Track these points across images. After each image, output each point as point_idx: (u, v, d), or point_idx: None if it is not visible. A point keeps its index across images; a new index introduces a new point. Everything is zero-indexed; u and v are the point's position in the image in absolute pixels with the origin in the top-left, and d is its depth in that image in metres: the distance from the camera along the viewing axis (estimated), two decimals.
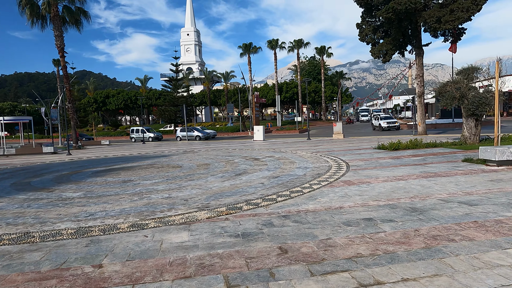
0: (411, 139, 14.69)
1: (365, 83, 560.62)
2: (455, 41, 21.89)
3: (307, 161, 11.88)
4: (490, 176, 7.52)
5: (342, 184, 7.55)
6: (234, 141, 28.72)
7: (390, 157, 11.58)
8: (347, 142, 19.86)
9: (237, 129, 44.19)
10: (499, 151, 8.53)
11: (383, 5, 21.09)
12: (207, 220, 5.27)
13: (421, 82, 22.46)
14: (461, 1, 19.39)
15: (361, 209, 5.47)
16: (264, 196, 6.75)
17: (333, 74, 75.19)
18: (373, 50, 23.75)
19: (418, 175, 8.12)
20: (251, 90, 44.96)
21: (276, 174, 9.35)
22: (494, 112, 14.57)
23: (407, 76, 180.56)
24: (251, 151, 17.29)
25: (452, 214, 4.94)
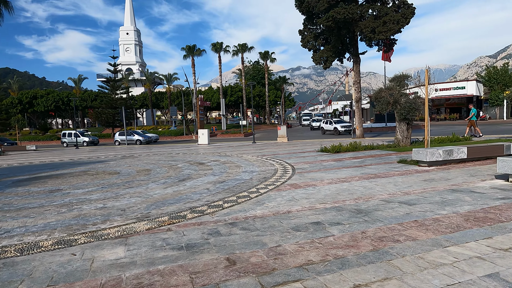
0: (351, 142, 15.37)
1: (307, 89, 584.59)
2: (388, 50, 23.59)
3: (253, 164, 11.76)
4: (423, 176, 8.03)
5: (289, 187, 7.50)
6: (177, 145, 27.77)
7: (333, 160, 11.93)
8: (291, 145, 20.24)
9: (181, 132, 42.96)
10: (430, 153, 9.18)
11: (324, 14, 21.97)
12: (147, 232, 4.80)
13: (358, 88, 23.79)
14: (392, 14, 20.95)
15: (309, 212, 5.42)
16: (210, 202, 6.42)
17: (277, 79, 76.96)
18: (315, 56, 24.63)
19: (360, 176, 8.40)
20: (195, 93, 44.05)
21: (222, 179, 9.06)
22: (422, 117, 15.87)
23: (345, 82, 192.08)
24: (195, 155, 16.75)
25: (395, 214, 5.09)
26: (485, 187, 6.64)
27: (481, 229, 4.25)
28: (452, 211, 5.11)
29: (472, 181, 7.21)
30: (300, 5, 23.58)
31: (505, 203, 5.43)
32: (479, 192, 6.20)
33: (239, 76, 73.16)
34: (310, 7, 22.89)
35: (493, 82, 49.31)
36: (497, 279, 2.99)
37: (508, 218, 4.65)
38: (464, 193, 6.19)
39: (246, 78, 62.60)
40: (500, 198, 5.75)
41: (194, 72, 55.18)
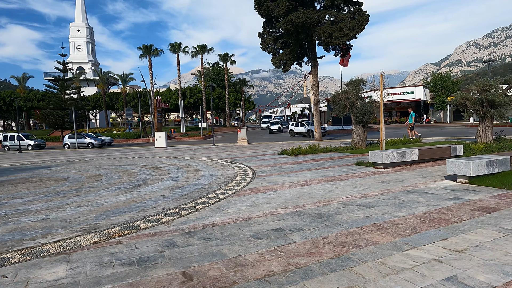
0: (310, 145, 15.57)
1: (266, 91, 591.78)
2: (344, 55, 24.37)
3: (213, 168, 11.46)
4: (379, 178, 8.23)
5: (249, 192, 7.32)
6: (133, 148, 26.58)
7: (293, 162, 11.96)
8: (252, 148, 20.14)
9: (137, 135, 41.30)
10: (385, 155, 9.48)
11: (283, 17, 22.19)
12: (94, 246, 4.36)
13: (316, 92, 24.30)
14: (348, 20, 21.67)
15: (270, 218, 5.26)
16: (166, 210, 6.05)
17: (237, 81, 76.88)
18: (274, 59, 24.81)
19: (319, 179, 8.44)
20: (152, 94, 42.60)
21: (180, 184, 8.66)
22: (376, 120, 16.53)
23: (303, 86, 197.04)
24: (152, 159, 16.06)
25: (354, 218, 5.09)
26: (437, 187, 6.92)
27: (436, 231, 4.35)
28: (409, 212, 5.22)
29: (425, 182, 7.50)
30: (260, 8, 23.65)
31: (455, 203, 5.66)
32: (432, 193, 6.44)
33: (198, 77, 72.07)
34: (269, 11, 23.02)
35: (438, 87, 53.00)
36: (455, 282, 3.01)
37: (460, 218, 4.82)
38: (418, 194, 6.39)
39: (205, 79, 61.78)
40: (451, 198, 5.99)
41: (151, 72, 53.39)
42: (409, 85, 61.16)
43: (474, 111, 15.05)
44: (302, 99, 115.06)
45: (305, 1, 22.94)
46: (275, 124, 45.75)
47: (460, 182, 7.26)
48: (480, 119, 14.98)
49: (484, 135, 14.82)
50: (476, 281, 3.02)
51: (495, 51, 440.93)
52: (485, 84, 14.22)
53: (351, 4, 22.49)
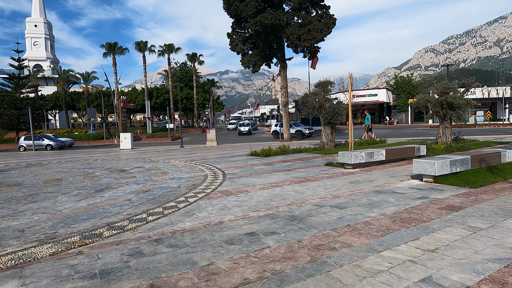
0: (280, 146, 15.59)
1: (235, 92, 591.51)
2: (312, 57, 24.74)
3: (181, 170, 11.11)
4: (349, 178, 8.33)
5: (220, 195, 7.12)
6: (96, 150, 25.39)
7: (263, 164, 11.88)
8: (221, 149, 19.87)
9: (101, 136, 39.59)
10: (354, 155, 9.62)
11: (252, 18, 22.13)
12: (51, 258, 3.98)
13: (285, 93, 24.47)
14: (316, 23, 22.01)
15: (242, 222, 5.10)
16: (132, 216, 5.71)
17: (205, 81, 76.03)
18: (243, 60, 24.70)
19: (291, 180, 8.39)
20: (116, 93, 41.04)
21: (147, 188, 8.28)
22: (343, 121, 16.87)
23: (271, 87, 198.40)
24: (116, 161, 15.35)
25: (328, 219, 5.05)
26: (404, 187, 7.09)
27: (408, 231, 4.39)
28: (380, 213, 5.26)
29: (393, 182, 7.67)
30: (228, 8, 23.45)
31: (423, 202, 5.79)
32: (400, 193, 6.57)
33: (165, 77, 70.46)
34: (238, 11, 22.88)
35: (400, 90, 55.38)
36: (430, 283, 3.01)
37: (429, 217, 4.91)
38: (388, 194, 6.49)
39: (173, 80, 60.46)
40: (419, 197, 6.14)
41: (115, 71, 51.46)
42: (373, 88, 63.43)
43: (435, 112, 15.75)
44: (270, 100, 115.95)
45: (274, 3, 23.04)
46: (245, 126, 42.55)
47: (426, 181, 7.49)
48: (440, 121, 15.70)
49: (444, 135, 15.54)
50: (450, 281, 3.03)
51: (450, 57, 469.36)
52: (445, 87, 14.92)
53: (319, 7, 22.87)
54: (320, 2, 22.56)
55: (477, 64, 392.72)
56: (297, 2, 21.79)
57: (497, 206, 5.36)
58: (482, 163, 8.25)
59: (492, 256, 3.50)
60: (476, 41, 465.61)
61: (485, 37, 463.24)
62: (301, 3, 21.75)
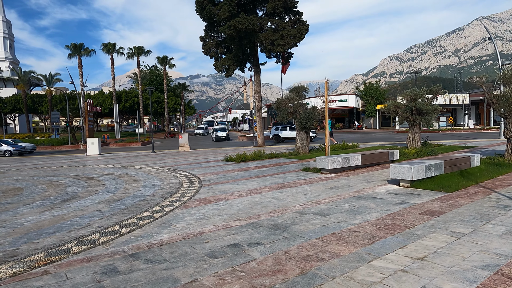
0: (255, 151, 15.43)
1: (206, 97, 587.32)
2: (285, 63, 24.90)
3: (154, 177, 10.65)
4: (328, 184, 8.29)
5: (198, 203, 6.82)
6: (61, 156, 24.04)
7: (240, 169, 11.65)
8: (194, 154, 19.43)
9: (65, 141, 37.64)
10: (331, 161, 9.63)
11: (225, 22, 21.95)
12: (12, 280, 3.55)
13: (259, 98, 24.42)
14: (289, 29, 22.19)
15: (224, 232, 4.86)
16: (103, 228, 5.30)
17: (176, 85, 74.73)
18: (217, 64, 24.42)
19: (270, 187, 8.23)
20: (83, 97, 39.27)
21: (118, 197, 7.81)
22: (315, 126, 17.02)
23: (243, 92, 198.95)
24: (83, 168, 14.54)
25: (312, 227, 4.92)
26: (383, 192, 7.13)
27: (394, 238, 4.34)
28: (363, 219, 5.21)
29: (371, 187, 7.70)
30: (201, 12, 23.13)
31: (404, 207, 5.82)
32: (380, 198, 6.59)
33: (134, 80, 68.55)
34: (212, 15, 22.62)
35: (369, 96, 57.17)
36: None
37: (412, 223, 4.91)
38: (368, 200, 6.48)
39: (143, 83, 58.89)
40: (399, 203, 6.17)
41: (81, 73, 49.32)
42: (343, 94, 65.05)
43: (404, 118, 16.23)
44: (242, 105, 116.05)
45: (247, 8, 23.00)
46: (222, 131, 38.58)
47: (403, 186, 7.59)
48: (410, 126, 16.20)
49: (413, 140, 16.05)
50: None
51: (413, 65, 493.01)
52: (414, 94, 15.43)
53: (292, 13, 23.08)
54: (293, 8, 22.78)
55: (438, 72, 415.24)
56: (270, 8, 21.87)
57: (475, 210, 5.47)
58: (454, 167, 8.50)
59: (480, 262, 3.50)
60: (436, 50, 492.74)
61: (444, 47, 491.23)
62: (274, 8, 21.85)
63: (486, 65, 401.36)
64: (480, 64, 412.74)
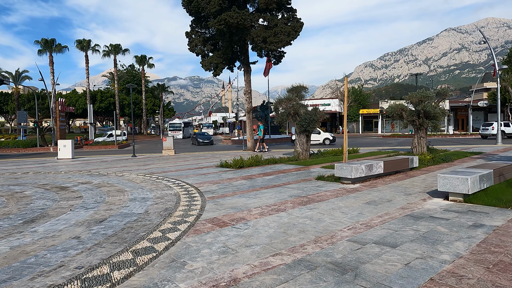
0: (252, 156, 13.91)
1: (183, 99, 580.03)
2: (277, 62, 23.57)
3: (143, 188, 8.90)
4: (360, 197, 6.90)
5: (211, 226, 5.22)
6: (28, 160, 21.49)
7: (242, 178, 10.09)
8: (181, 159, 17.63)
9: (33, 144, 34.55)
10: (354, 169, 8.28)
11: (214, 16, 20.36)
12: None
13: (249, 99, 22.92)
14: (283, 26, 20.89)
15: (269, 280, 3.32)
16: (86, 271, 3.62)
17: (154, 86, 72.02)
18: (204, 62, 22.75)
19: (292, 201, 6.73)
20: (53, 95, 36.36)
21: (101, 215, 6.07)
22: None
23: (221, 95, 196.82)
24: (54, 175, 12.48)
25: (392, 268, 3.47)
26: (437, 209, 5.80)
27: None
28: (453, 253, 3.82)
29: (416, 202, 6.38)
30: (188, 5, 21.44)
31: (486, 233, 4.49)
32: (441, 218, 5.25)
33: (110, 80, 65.33)
34: (200, 8, 20.97)
35: (351, 100, 56.96)
36: None
37: None
38: (429, 221, 5.13)
39: (119, 83, 55.98)
40: (472, 225, 4.84)
41: (52, 71, 46.06)
42: (326, 98, 64.69)
43: (410, 122, 15.24)
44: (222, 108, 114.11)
45: (237, 2, 21.51)
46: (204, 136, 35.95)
47: (454, 200, 6.31)
48: (415, 130, 15.22)
49: (419, 145, 15.06)
50: None
51: (387, 72, 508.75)
52: (422, 96, 14.45)
53: (285, 10, 21.83)
54: (287, 4, 21.52)
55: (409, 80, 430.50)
56: (263, 3, 20.47)
57: None
58: (501, 177, 7.35)
59: None
60: (408, 58, 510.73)
61: (415, 55, 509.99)
62: (267, 3, 20.46)
63: (454, 73, 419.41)
64: (449, 73, 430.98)
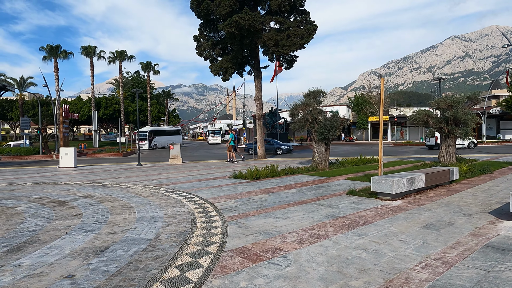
0: (267, 165, 12.81)
1: (187, 107, 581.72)
2: (289, 67, 22.60)
3: (151, 203, 7.82)
4: (411, 219, 5.76)
5: (240, 260, 4.11)
6: (28, 168, 20.54)
7: (261, 191, 8.98)
8: (190, 168, 16.55)
9: (36, 151, 33.68)
10: (396, 183, 7.15)
11: (225, 19, 19.47)
12: None
13: (260, 105, 21.91)
14: (296, 28, 19.95)
15: None
16: None
17: (160, 93, 71.41)
18: (213, 66, 21.83)
19: (331, 223, 5.61)
20: (57, 102, 35.63)
21: (102, 241, 4.98)
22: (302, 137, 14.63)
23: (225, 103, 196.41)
24: (53, 186, 11.44)
25: None
26: None
27: None
28: None
29: (483, 226, 5.23)
30: (197, 7, 20.61)
31: None
32: None
33: (115, 87, 64.80)
34: (209, 11, 20.12)
35: (360, 107, 55.85)
36: None
37: None
38: None
39: (124, 90, 55.33)
40: None
41: (57, 77, 45.45)
42: (335, 104, 63.65)
43: (437, 129, 14.12)
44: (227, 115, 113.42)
45: (249, 5, 20.65)
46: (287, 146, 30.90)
47: None
48: (443, 138, 14.07)
49: (448, 154, 13.91)
50: None
51: (390, 80, 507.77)
52: (452, 101, 13.34)
53: (298, 12, 20.90)
54: (300, 6, 20.59)
55: (413, 87, 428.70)
56: (275, 4, 19.59)
57: None
58: None
59: None
60: (412, 66, 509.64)
61: (419, 63, 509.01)
62: (280, 5, 19.58)
63: (458, 81, 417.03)
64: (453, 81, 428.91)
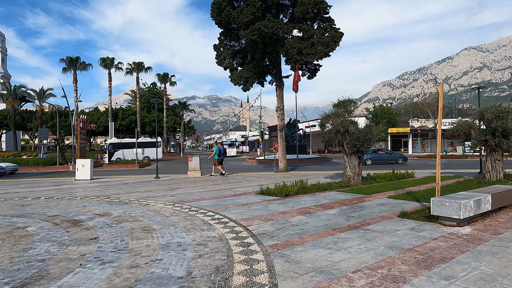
0: (296, 180, 11.80)
1: (201, 118, 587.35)
2: (312, 76, 21.71)
3: (175, 225, 6.91)
4: (500, 254, 4.63)
5: None
6: (44, 180, 20.08)
7: (297, 212, 7.96)
8: (211, 182, 15.66)
9: (53, 162, 33.57)
10: (463, 206, 6.04)
11: (247, 27, 18.81)
12: None
13: (281, 115, 21.00)
14: (320, 36, 19.11)
15: None
16: None
17: (176, 104, 71.55)
18: (233, 76, 21.14)
19: (400, 258, 4.55)
20: (76, 112, 35.64)
21: (123, 280, 4.05)
22: (319, 148, 13.51)
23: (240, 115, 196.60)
24: (68, 201, 10.70)
25: None
26: None
27: None
28: None
29: None
30: (218, 15, 20.05)
31: None
32: None
33: (132, 98, 65.25)
34: (230, 18, 19.53)
35: (379, 118, 54.30)
36: None
37: None
38: None
39: (141, 101, 55.51)
40: None
41: (76, 88, 45.88)
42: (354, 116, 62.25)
43: (481, 142, 12.86)
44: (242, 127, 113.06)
45: (271, 12, 19.99)
46: None
47: None
48: (488, 152, 12.81)
49: (494, 170, 12.64)
50: None
51: (405, 91, 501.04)
52: (501, 111, 12.11)
53: (322, 20, 20.09)
54: (324, 14, 19.79)
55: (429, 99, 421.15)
56: (299, 12, 18.84)
57: None
58: None
59: None
60: (427, 77, 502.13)
61: (435, 74, 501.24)
62: (304, 12, 18.82)
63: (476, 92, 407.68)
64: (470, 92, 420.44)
